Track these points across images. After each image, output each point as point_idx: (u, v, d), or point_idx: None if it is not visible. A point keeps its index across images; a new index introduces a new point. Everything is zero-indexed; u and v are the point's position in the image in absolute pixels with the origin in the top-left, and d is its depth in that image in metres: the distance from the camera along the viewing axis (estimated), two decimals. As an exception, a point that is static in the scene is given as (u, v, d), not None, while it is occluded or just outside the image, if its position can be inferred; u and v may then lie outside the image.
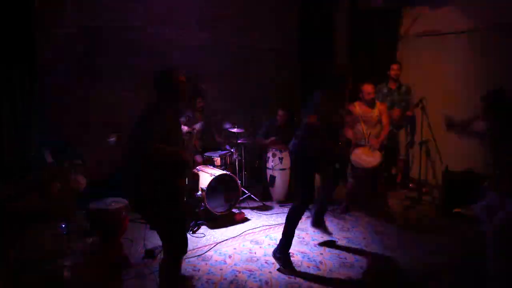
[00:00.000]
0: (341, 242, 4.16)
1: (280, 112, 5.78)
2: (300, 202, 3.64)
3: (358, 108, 4.80)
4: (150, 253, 3.82)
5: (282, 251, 3.62)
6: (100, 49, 5.15)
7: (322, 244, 4.12)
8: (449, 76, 5.56)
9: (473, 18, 5.19)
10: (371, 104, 4.77)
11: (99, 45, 5.13)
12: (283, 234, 3.65)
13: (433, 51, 5.71)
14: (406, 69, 5.64)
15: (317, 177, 3.86)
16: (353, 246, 4.08)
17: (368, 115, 4.78)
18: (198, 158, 5.34)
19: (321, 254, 3.89)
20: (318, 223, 4.15)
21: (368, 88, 4.71)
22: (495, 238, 2.94)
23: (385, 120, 4.80)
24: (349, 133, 4.79)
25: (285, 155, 5.38)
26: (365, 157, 4.65)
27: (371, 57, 6.26)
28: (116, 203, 3.75)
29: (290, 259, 3.61)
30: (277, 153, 5.40)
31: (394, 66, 5.51)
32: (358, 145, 4.77)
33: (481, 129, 3.24)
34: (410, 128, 5.85)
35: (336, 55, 6.92)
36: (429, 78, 5.74)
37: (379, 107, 4.81)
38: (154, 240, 4.06)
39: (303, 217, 4.58)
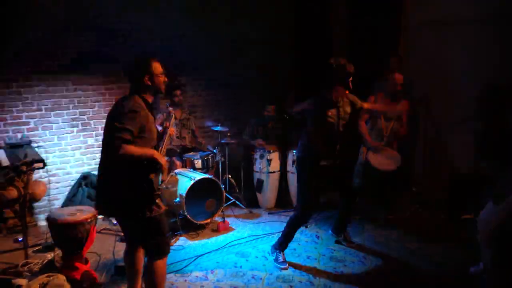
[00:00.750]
0: (337, 253, 4.15)
1: (270, 108, 5.75)
2: (299, 210, 3.86)
3: (379, 101, 4.76)
4: (121, 270, 3.71)
5: (278, 247, 3.96)
6: (67, 37, 5.04)
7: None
8: (456, 69, 5.58)
9: (482, 5, 5.21)
10: (395, 97, 4.72)
11: (66, 34, 5.02)
12: (282, 233, 3.99)
13: (438, 42, 5.73)
14: (408, 61, 5.65)
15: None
16: (350, 258, 4.07)
17: (391, 109, 4.74)
18: (177, 160, 5.28)
19: (315, 267, 3.88)
20: (338, 231, 4.35)
21: (399, 78, 4.67)
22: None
23: (404, 119, 4.82)
24: (362, 128, 4.79)
25: (274, 156, 5.35)
26: (384, 158, 4.62)
27: (371, 49, 6.26)
28: (82, 211, 3.68)
29: (283, 255, 3.91)
30: (265, 154, 5.35)
31: (392, 59, 5.50)
32: (374, 144, 4.74)
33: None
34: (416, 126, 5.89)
35: (334, 47, 6.92)
36: (434, 72, 5.76)
37: (403, 103, 4.75)
38: (126, 254, 4.02)
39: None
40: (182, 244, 4.38)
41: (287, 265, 3.84)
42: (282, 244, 3.94)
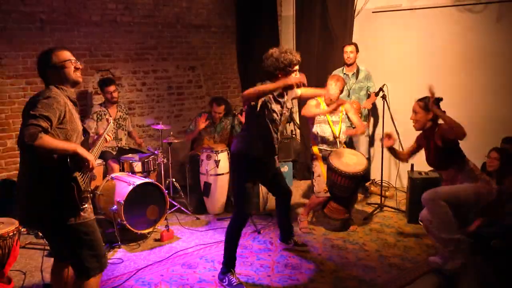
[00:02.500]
0: (292, 260, 4.26)
1: (217, 108, 5.73)
2: (236, 214, 3.87)
3: (322, 104, 4.91)
4: (50, 289, 3.67)
5: (225, 270, 3.81)
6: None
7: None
8: (414, 58, 5.88)
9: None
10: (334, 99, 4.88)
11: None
12: (224, 251, 3.85)
13: (394, 29, 6.00)
14: (364, 51, 5.87)
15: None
16: (306, 264, 4.18)
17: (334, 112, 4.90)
18: (113, 163, 5.25)
19: (269, 276, 3.96)
20: (286, 238, 4.49)
21: (330, 81, 4.81)
22: None
23: (356, 120, 4.91)
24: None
25: (223, 157, 5.40)
26: (347, 160, 4.69)
27: (323, 37, 6.45)
28: (1, 224, 3.61)
29: (235, 275, 3.78)
30: (213, 154, 5.39)
31: (347, 48, 5.71)
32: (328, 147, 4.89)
33: None
34: (373, 121, 6.14)
35: (281, 35, 7.07)
36: (391, 61, 6.03)
37: (344, 105, 4.93)
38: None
39: (247, 231, 4.68)
40: (121, 257, 4.34)
41: (244, 286, 3.71)
42: (228, 264, 3.80)
